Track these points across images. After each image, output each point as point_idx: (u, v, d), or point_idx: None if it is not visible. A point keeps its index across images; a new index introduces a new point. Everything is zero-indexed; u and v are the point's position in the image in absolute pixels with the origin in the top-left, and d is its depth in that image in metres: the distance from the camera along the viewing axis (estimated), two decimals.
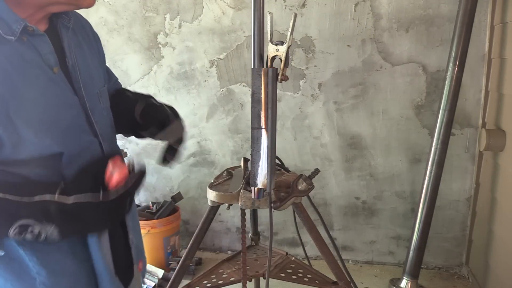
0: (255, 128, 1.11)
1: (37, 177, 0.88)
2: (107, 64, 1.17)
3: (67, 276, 0.95)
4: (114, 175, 0.76)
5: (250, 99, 1.52)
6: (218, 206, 1.45)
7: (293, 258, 1.61)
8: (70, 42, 0.96)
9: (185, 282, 1.49)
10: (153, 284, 2.37)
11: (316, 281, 1.46)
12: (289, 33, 1.05)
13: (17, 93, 0.81)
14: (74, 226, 0.80)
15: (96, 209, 0.78)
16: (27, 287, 0.94)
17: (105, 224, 0.82)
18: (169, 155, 1.10)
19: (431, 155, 2.12)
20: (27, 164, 0.86)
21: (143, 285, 1.20)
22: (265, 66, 1.09)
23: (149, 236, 2.46)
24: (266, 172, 1.12)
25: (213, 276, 1.52)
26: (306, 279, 1.48)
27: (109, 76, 1.19)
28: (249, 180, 1.20)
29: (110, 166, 0.77)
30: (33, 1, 0.85)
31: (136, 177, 0.81)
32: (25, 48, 0.84)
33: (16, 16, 0.82)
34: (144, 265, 1.16)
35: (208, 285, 1.46)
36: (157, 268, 2.47)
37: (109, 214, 0.80)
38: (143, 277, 1.17)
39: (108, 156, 0.81)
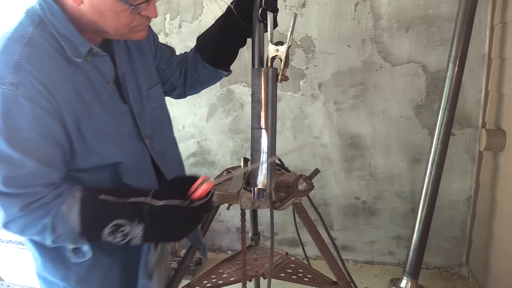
0: (255, 128, 1.11)
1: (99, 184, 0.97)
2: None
3: (100, 269, 1.02)
4: (201, 187, 0.88)
5: (250, 99, 1.52)
6: (218, 206, 1.45)
7: (293, 258, 1.61)
8: (121, 52, 1.03)
9: (185, 282, 1.49)
10: None
11: (316, 281, 1.46)
12: (289, 33, 1.05)
13: (86, 108, 0.90)
14: (158, 229, 0.89)
15: (181, 213, 0.87)
16: (61, 275, 1.01)
17: (185, 229, 0.92)
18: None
19: (431, 155, 2.12)
20: (88, 172, 0.95)
21: None
22: (265, 66, 1.09)
23: None
24: (266, 172, 1.12)
25: (213, 276, 1.52)
26: (306, 279, 1.48)
27: (169, 54, 1.25)
28: (249, 180, 1.20)
29: (200, 180, 0.90)
30: (90, 29, 0.91)
31: (212, 197, 0.92)
32: (89, 67, 0.92)
33: (82, 39, 0.89)
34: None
35: (208, 285, 1.46)
36: None
37: (190, 219, 0.90)
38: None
39: (195, 176, 0.92)
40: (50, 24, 0.87)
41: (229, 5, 1.14)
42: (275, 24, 1.08)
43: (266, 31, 1.08)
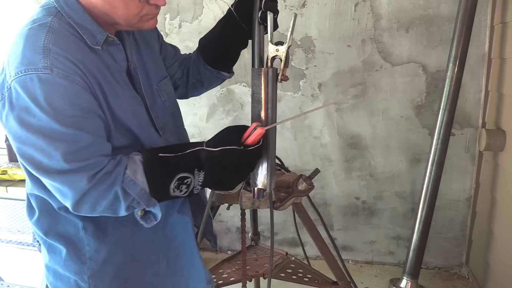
0: None
1: None
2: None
3: (113, 264, 1.03)
4: (254, 132, 0.94)
5: (250, 99, 1.52)
6: (218, 206, 1.45)
7: (293, 258, 1.61)
8: (131, 46, 1.06)
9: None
10: None
11: (316, 281, 1.46)
12: (289, 33, 1.05)
13: (113, 88, 0.94)
14: (217, 173, 0.94)
15: (238, 156, 0.92)
16: (75, 269, 1.02)
17: (241, 173, 0.96)
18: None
19: (431, 155, 2.12)
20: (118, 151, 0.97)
21: None
22: (265, 66, 1.09)
23: None
24: (266, 172, 1.12)
25: (213, 276, 1.52)
26: (306, 279, 1.48)
27: (173, 52, 1.28)
28: (249, 180, 1.20)
29: (252, 126, 0.95)
30: (102, 21, 0.94)
31: (264, 141, 0.97)
32: (106, 55, 0.95)
33: (99, 28, 0.93)
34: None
35: None
36: None
37: (246, 162, 0.95)
38: None
39: (245, 126, 0.97)
40: (66, 15, 0.90)
41: (229, 7, 1.15)
42: (275, 26, 1.08)
43: (266, 32, 1.08)
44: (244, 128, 0.96)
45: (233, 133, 0.95)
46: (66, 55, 0.84)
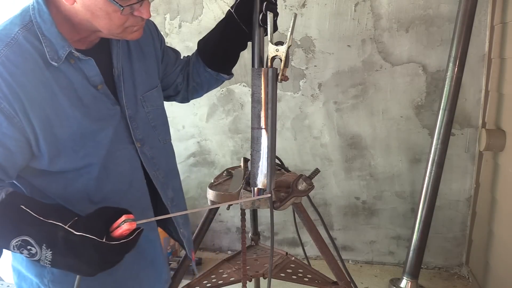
0: (255, 128, 1.11)
1: (69, 192, 0.95)
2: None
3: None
4: (123, 226, 0.82)
5: (250, 99, 1.52)
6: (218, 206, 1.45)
7: (293, 258, 1.61)
8: (119, 52, 1.02)
9: (185, 282, 1.49)
10: None
11: (316, 281, 1.46)
12: (289, 33, 1.05)
13: (63, 112, 0.90)
14: (69, 259, 0.82)
15: (96, 247, 0.80)
16: (36, 271, 1.00)
17: (98, 265, 0.84)
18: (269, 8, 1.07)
19: (431, 155, 2.12)
20: (61, 175, 0.93)
21: None
22: (265, 66, 1.09)
23: None
24: (266, 172, 1.12)
25: (213, 276, 1.52)
26: (306, 279, 1.48)
27: (174, 58, 1.25)
28: (249, 180, 1.20)
29: (122, 218, 0.83)
30: (85, 28, 0.91)
31: (137, 237, 0.84)
32: (72, 70, 0.91)
33: (63, 42, 0.88)
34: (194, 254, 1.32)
35: (208, 285, 1.46)
36: None
37: (105, 256, 0.82)
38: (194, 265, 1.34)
39: (125, 210, 0.85)
40: (37, 25, 0.88)
41: (229, 9, 1.14)
42: (275, 28, 1.08)
43: (266, 34, 1.08)
44: (117, 216, 0.83)
45: (100, 219, 0.83)
46: (7, 77, 0.82)
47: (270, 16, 1.05)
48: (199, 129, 2.66)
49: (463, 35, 2.00)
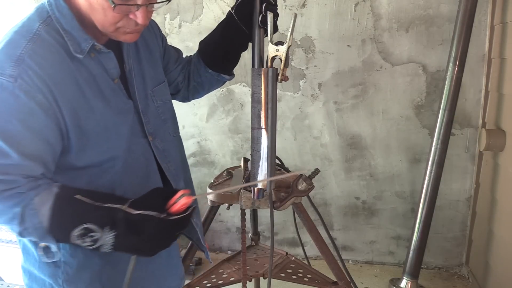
0: (255, 128, 1.11)
1: (97, 185, 0.96)
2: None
3: (90, 270, 1.01)
4: (180, 201, 0.85)
5: (250, 99, 1.52)
6: (218, 206, 1.45)
7: (293, 258, 1.61)
8: (129, 48, 1.04)
9: (185, 282, 1.49)
10: None
11: (316, 281, 1.46)
12: (289, 33, 1.05)
13: (88, 104, 0.92)
14: (130, 239, 0.84)
15: (156, 225, 0.83)
16: (50, 272, 1.00)
17: (159, 243, 0.87)
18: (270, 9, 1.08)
19: (431, 155, 2.12)
20: (85, 172, 0.94)
21: None
22: (265, 66, 1.09)
23: None
24: (266, 172, 1.12)
25: (213, 276, 1.52)
26: (306, 279, 1.48)
27: (176, 56, 1.26)
28: (249, 180, 1.20)
29: (179, 193, 0.86)
30: (91, 23, 0.92)
31: (192, 213, 0.88)
32: (93, 63, 0.93)
33: (85, 35, 0.91)
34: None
35: (208, 285, 1.46)
36: None
37: (165, 233, 0.86)
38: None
39: (176, 189, 0.88)
40: (56, 20, 0.89)
41: (229, 10, 1.15)
42: (275, 29, 1.08)
43: (267, 35, 1.08)
44: (173, 192, 0.87)
45: (158, 197, 0.87)
46: (37, 71, 0.83)
47: (270, 16, 1.05)
48: (199, 129, 2.66)
49: (463, 35, 2.00)
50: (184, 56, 1.31)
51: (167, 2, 0.93)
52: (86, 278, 1.01)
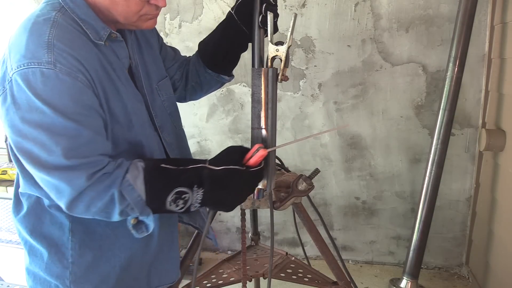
0: (255, 128, 1.11)
1: None
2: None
3: (98, 272, 1.01)
4: (257, 153, 0.93)
5: (250, 99, 1.52)
6: None
7: (293, 258, 1.61)
8: (133, 44, 1.06)
9: (185, 282, 1.49)
10: None
11: (316, 281, 1.46)
12: (289, 33, 1.05)
13: (114, 86, 0.93)
14: (217, 193, 0.92)
15: (239, 177, 0.91)
16: (57, 273, 1.00)
17: (242, 194, 0.95)
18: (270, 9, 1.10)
19: (431, 155, 2.12)
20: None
21: None
22: (265, 66, 1.09)
23: None
24: (266, 172, 1.12)
25: (213, 276, 1.52)
26: (306, 279, 1.47)
27: (172, 54, 1.28)
28: None
29: (255, 147, 0.95)
30: (106, 17, 0.94)
31: (264, 162, 0.97)
32: (109, 51, 0.95)
33: (102, 24, 0.93)
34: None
35: (208, 285, 1.46)
36: None
37: (247, 184, 0.94)
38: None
39: (247, 147, 0.97)
40: (70, 10, 0.90)
41: (230, 11, 1.15)
42: (275, 29, 1.08)
43: (267, 36, 1.08)
44: (246, 149, 0.96)
45: (235, 153, 0.95)
46: (70, 52, 0.84)
47: (270, 16, 1.05)
48: (199, 129, 2.66)
49: (463, 35, 2.00)
50: (183, 56, 1.32)
51: None
52: (94, 280, 1.00)
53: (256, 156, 0.93)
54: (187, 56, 1.31)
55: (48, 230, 0.98)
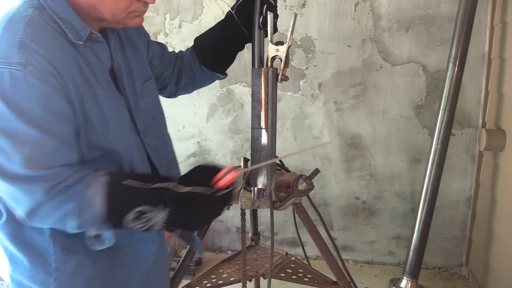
0: (255, 128, 1.11)
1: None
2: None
3: (83, 277, 0.98)
4: (227, 176, 0.87)
5: (250, 99, 1.52)
6: None
7: (293, 258, 1.61)
8: (116, 45, 1.03)
9: (185, 282, 1.49)
10: None
11: (316, 281, 1.46)
12: (289, 33, 1.05)
13: (91, 89, 0.90)
14: (181, 216, 0.87)
15: (205, 201, 0.85)
16: (41, 280, 0.97)
17: (208, 217, 0.91)
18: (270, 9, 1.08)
19: (431, 155, 2.12)
20: (95, 165, 0.91)
21: None
22: (265, 66, 1.09)
23: None
24: (266, 172, 1.12)
25: (213, 276, 1.52)
26: (306, 279, 1.48)
27: (160, 51, 1.24)
28: (249, 180, 1.20)
29: (226, 169, 0.89)
30: (89, 15, 0.91)
31: (236, 186, 0.91)
32: (89, 53, 0.92)
33: (82, 23, 0.89)
34: None
35: (208, 285, 1.46)
36: None
37: (213, 208, 0.88)
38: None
39: (219, 166, 0.91)
40: (49, 8, 0.87)
41: (229, 10, 1.14)
42: (275, 30, 1.08)
43: (267, 36, 1.08)
44: (217, 169, 0.89)
45: (204, 174, 0.89)
46: (43, 53, 0.81)
47: (270, 16, 1.05)
48: (199, 129, 2.66)
49: (463, 35, 2.00)
50: (171, 52, 1.29)
51: None
52: (80, 284, 0.98)
53: (226, 178, 0.87)
54: (177, 51, 1.29)
55: (29, 237, 0.95)
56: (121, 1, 0.88)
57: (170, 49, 1.30)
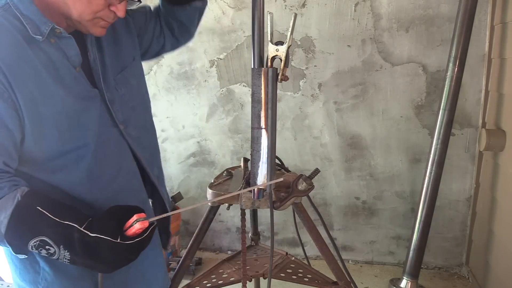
0: (255, 128, 1.11)
1: (67, 184, 0.94)
2: None
3: (68, 277, 0.99)
4: (135, 225, 0.83)
5: (250, 99, 1.52)
6: (218, 206, 1.45)
7: (293, 258, 1.61)
8: (92, 37, 1.01)
9: (185, 282, 1.49)
10: None
11: (316, 281, 1.46)
12: (289, 33, 1.05)
13: (47, 89, 0.89)
14: (85, 259, 0.84)
15: (112, 247, 0.82)
16: (30, 279, 0.99)
17: (115, 264, 0.86)
18: None
19: (431, 155, 2.12)
20: (52, 167, 0.91)
21: None
22: (265, 66, 1.09)
23: None
24: (266, 172, 1.12)
25: (213, 276, 1.52)
26: (306, 279, 1.47)
27: (143, 19, 1.22)
28: (249, 180, 1.20)
29: (134, 217, 0.84)
30: (57, 11, 0.90)
31: (151, 234, 0.87)
32: (53, 49, 0.91)
33: (44, 19, 0.88)
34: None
35: (208, 285, 1.46)
36: None
37: (120, 256, 0.84)
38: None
39: (135, 208, 0.87)
40: (14, 6, 0.88)
41: None
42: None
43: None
44: (131, 211, 0.86)
45: (113, 220, 0.85)
46: None
47: (270, 16, 1.05)
48: (199, 129, 2.66)
49: (463, 35, 2.00)
50: (152, 12, 1.28)
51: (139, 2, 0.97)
52: (66, 285, 0.99)
53: (133, 228, 0.83)
54: (153, 8, 1.28)
55: None
56: (95, 2, 0.88)
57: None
